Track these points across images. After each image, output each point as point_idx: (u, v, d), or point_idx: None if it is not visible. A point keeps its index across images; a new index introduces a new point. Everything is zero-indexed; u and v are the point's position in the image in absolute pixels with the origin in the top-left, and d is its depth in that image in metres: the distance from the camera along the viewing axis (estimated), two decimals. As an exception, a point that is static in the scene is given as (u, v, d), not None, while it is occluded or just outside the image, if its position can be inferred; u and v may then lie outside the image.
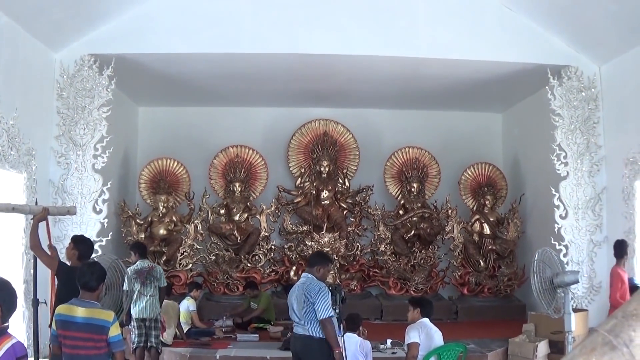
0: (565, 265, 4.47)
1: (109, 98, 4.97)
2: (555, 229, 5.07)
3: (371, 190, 6.51)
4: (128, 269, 4.35)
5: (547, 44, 5.10)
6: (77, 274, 2.64)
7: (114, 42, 4.88)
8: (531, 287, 3.36)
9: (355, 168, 6.80)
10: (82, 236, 3.41)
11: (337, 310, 2.98)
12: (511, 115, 6.96)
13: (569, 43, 5.10)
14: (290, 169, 6.79)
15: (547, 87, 5.22)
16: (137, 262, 4.47)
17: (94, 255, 3.78)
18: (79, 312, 2.56)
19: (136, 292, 4.30)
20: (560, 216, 5.09)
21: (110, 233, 5.06)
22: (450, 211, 6.39)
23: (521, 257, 6.28)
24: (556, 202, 5.10)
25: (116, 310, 2.97)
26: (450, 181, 6.70)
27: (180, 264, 6.14)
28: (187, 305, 5.17)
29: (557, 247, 5.03)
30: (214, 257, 6.25)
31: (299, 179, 6.61)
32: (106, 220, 4.91)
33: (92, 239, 4.64)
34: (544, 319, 4.32)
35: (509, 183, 6.62)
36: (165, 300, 4.56)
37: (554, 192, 5.11)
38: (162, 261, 5.96)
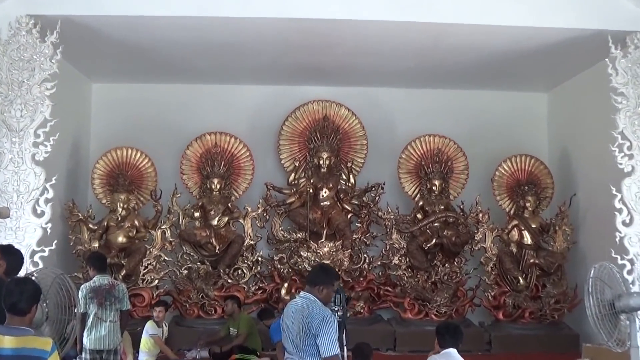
0: (630, 285, 4.39)
1: (54, 72, 4.90)
2: (617, 239, 4.96)
3: (382, 188, 6.46)
4: (82, 287, 4.34)
5: (608, 3, 4.95)
6: (3, 293, 2.52)
7: (60, 0, 4.79)
8: (585, 312, 3.30)
9: (363, 161, 6.75)
10: (9, 246, 3.31)
11: (339, 313, 3.02)
12: (560, 96, 6.91)
13: (637, 2, 4.96)
14: (282, 162, 6.74)
15: (607, 60, 5.12)
16: (95, 278, 4.40)
17: (34, 269, 3.74)
18: (6, 342, 2.46)
19: (92, 316, 4.21)
20: (623, 222, 4.98)
21: (55, 241, 5.01)
22: (481, 215, 6.33)
23: (572, 274, 6.22)
24: (618, 205, 4.99)
25: (59, 339, 2.90)
26: (481, 178, 6.63)
27: (143, 279, 6.09)
28: (146, 328, 5.07)
29: (619, 261, 4.92)
30: (186, 272, 6.20)
31: (293, 175, 6.55)
32: (49, 225, 4.86)
33: (32, 249, 4.69)
34: (603, 353, 4.25)
35: (556, 181, 6.58)
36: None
37: (614, 192, 5.00)
38: (120, 276, 5.89)
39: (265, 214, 6.38)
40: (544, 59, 5.89)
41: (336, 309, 3.07)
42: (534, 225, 6.33)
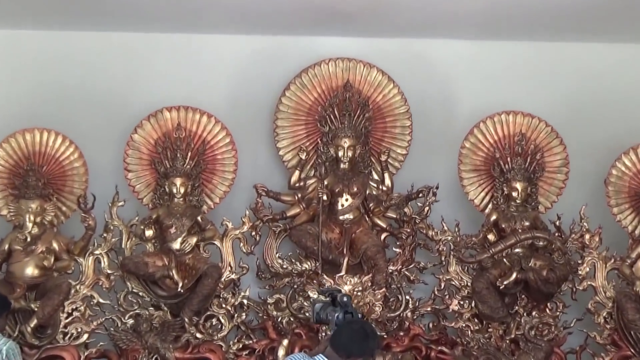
0: None
1: None
2: None
3: (434, 195, 5.90)
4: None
5: None
6: None
7: None
8: None
9: (405, 153, 6.21)
10: None
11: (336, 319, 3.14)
12: None
13: None
14: (280, 152, 6.19)
15: None
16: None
17: None
18: None
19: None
20: None
21: None
22: (588, 237, 5.77)
23: None
24: None
25: None
26: (589, 180, 6.21)
27: (65, 333, 5.66)
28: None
29: None
30: (131, 321, 5.74)
31: (297, 173, 6.05)
32: None
33: None
34: None
35: None
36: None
37: None
38: (29, 328, 5.52)
39: (254, 233, 5.88)
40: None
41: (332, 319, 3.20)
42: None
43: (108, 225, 5.69)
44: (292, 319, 5.75)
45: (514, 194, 5.85)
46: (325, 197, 5.84)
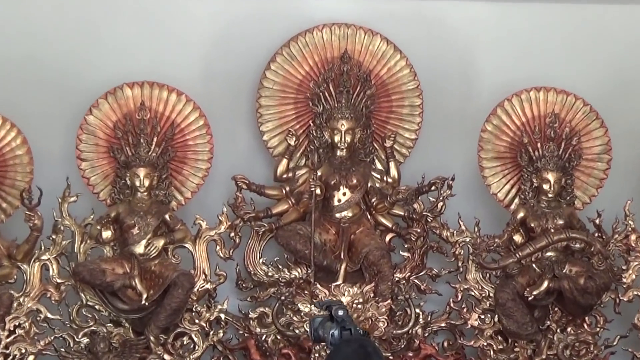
0: None
1: None
2: None
3: (449, 187, 5.74)
4: None
5: None
6: None
7: None
8: None
9: (414, 137, 6.00)
10: None
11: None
12: None
13: None
14: (264, 137, 5.99)
15: None
16: None
17: None
18: None
19: None
20: None
21: None
22: (634, 238, 5.59)
23: None
24: None
25: None
26: (635, 169, 5.99)
27: (7, 354, 5.49)
28: None
29: None
30: (86, 340, 5.57)
31: (284, 162, 5.87)
32: None
33: None
34: None
35: None
36: None
37: None
38: None
39: (233, 234, 5.73)
40: None
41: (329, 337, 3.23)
42: None
43: (57, 225, 5.49)
44: (278, 337, 5.59)
45: (546, 186, 5.63)
46: (318, 191, 5.64)
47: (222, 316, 5.54)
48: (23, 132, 5.59)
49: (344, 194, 5.68)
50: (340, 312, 3.30)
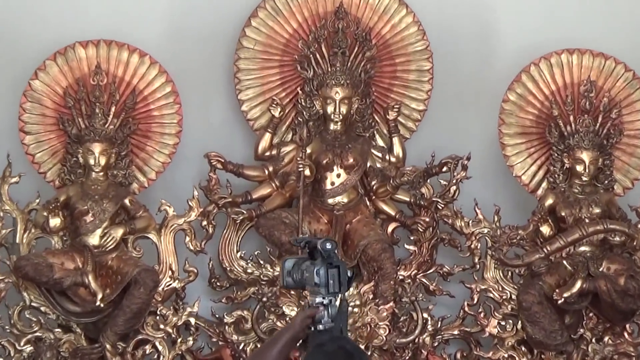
0: None
1: None
2: None
3: (464, 168, 5.42)
4: None
5: None
6: None
7: None
8: None
9: (423, 109, 5.67)
10: None
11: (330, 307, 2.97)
12: None
13: None
14: (243, 107, 5.66)
15: None
16: None
17: None
18: None
19: None
20: None
21: None
22: None
23: None
24: None
25: None
26: None
27: None
28: None
29: None
30: (30, 348, 5.36)
31: (267, 137, 5.57)
32: None
33: None
34: None
35: None
36: None
37: None
38: None
39: (206, 223, 5.43)
40: None
41: (324, 300, 2.90)
42: None
43: (-5, 214, 5.44)
44: (259, 346, 5.24)
45: (579, 167, 5.27)
46: (308, 172, 5.28)
47: (192, 321, 5.28)
48: (-50, 98, 5.44)
49: (338, 175, 5.34)
50: (329, 245, 2.94)
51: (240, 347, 5.27)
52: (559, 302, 5.04)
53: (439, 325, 5.31)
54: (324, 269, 2.95)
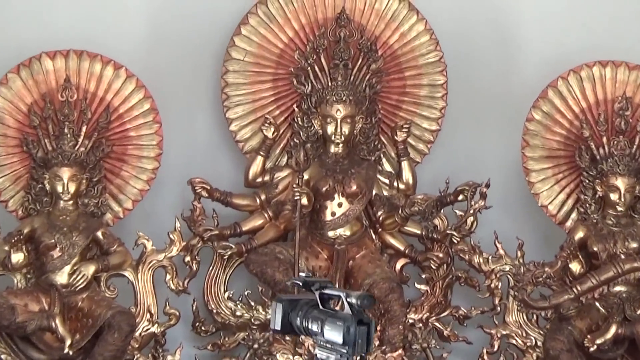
0: None
1: None
2: None
3: (483, 196, 5.21)
4: None
5: None
6: None
7: None
8: None
9: (436, 128, 5.48)
10: None
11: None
12: None
13: None
14: (232, 127, 5.45)
15: None
16: None
17: None
18: None
19: None
20: None
21: None
22: None
23: None
24: None
25: None
26: None
27: None
28: None
29: None
30: None
31: (259, 160, 5.34)
32: None
33: None
34: None
35: None
36: None
37: None
38: None
39: (189, 259, 5.20)
40: None
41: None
42: None
43: (-50, 245, 5.18)
44: None
45: (614, 196, 4.96)
46: (305, 201, 4.97)
47: (174, 372, 5.25)
48: None
49: (340, 204, 5.08)
50: (367, 302, 2.52)
51: (233, 409, 5.22)
52: (591, 349, 4.75)
53: (454, 379, 5.14)
54: (354, 326, 2.60)
